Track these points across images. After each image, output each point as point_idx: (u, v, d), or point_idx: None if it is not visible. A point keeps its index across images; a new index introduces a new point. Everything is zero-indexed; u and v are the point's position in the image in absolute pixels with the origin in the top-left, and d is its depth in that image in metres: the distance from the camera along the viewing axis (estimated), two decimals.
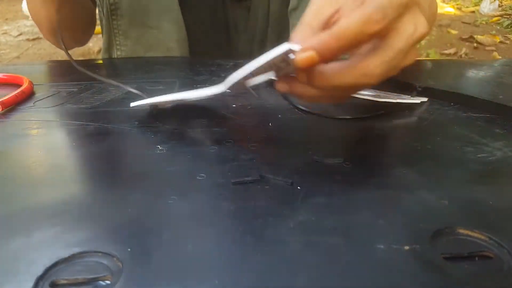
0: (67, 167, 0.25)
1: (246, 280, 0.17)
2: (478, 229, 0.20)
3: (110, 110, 0.35)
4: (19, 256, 0.18)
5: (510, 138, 0.30)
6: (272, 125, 0.32)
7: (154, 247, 0.18)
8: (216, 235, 0.19)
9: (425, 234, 0.19)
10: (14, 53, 2.46)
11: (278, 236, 0.19)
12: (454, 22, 3.04)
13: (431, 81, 0.44)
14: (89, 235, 0.19)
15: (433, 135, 0.30)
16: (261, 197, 0.22)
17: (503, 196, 0.23)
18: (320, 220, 0.20)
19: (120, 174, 0.25)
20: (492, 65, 0.53)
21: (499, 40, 2.65)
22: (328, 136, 0.30)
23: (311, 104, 0.34)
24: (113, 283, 0.16)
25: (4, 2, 3.55)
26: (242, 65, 0.25)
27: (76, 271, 0.17)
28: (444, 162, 0.27)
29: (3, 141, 0.29)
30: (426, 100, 0.37)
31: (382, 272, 0.17)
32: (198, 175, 0.24)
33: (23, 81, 0.40)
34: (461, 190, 0.23)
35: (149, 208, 0.21)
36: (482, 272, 0.17)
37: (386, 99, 0.36)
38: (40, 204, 0.22)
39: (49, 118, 0.33)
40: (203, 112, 0.35)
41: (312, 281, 0.17)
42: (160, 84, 0.42)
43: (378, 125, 0.32)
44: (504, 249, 0.18)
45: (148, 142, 0.29)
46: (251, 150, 0.28)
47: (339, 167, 0.26)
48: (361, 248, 0.18)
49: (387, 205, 0.22)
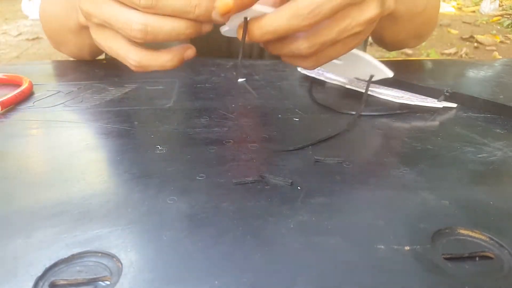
0: (67, 167, 0.25)
1: (246, 280, 0.16)
2: (479, 230, 0.20)
3: (110, 110, 0.35)
4: (18, 256, 0.18)
5: (510, 138, 0.30)
6: (272, 125, 0.32)
7: (154, 247, 0.18)
8: (216, 235, 0.19)
9: (425, 235, 0.19)
10: (14, 53, 2.46)
11: (278, 236, 0.19)
12: (454, 22, 3.04)
13: (432, 81, 0.44)
14: (89, 235, 0.19)
15: (434, 135, 0.30)
16: (261, 197, 0.22)
17: (503, 196, 0.23)
18: (320, 220, 0.20)
19: (120, 174, 0.25)
20: (493, 64, 0.53)
21: (499, 40, 2.65)
22: (328, 136, 0.30)
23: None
24: (113, 283, 0.16)
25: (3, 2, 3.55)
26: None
27: (76, 271, 0.17)
28: (445, 162, 0.27)
29: (2, 141, 0.29)
30: (455, 106, 0.36)
31: (382, 272, 0.17)
32: (198, 175, 0.24)
33: (22, 81, 0.40)
34: (461, 190, 0.23)
35: (148, 208, 0.21)
36: (482, 272, 0.17)
37: (407, 101, 0.36)
38: (40, 204, 0.22)
39: (48, 118, 0.33)
40: (203, 112, 0.35)
41: (312, 281, 0.16)
42: (160, 84, 0.42)
43: (379, 125, 0.32)
44: (504, 249, 0.18)
45: (148, 142, 0.29)
46: (251, 150, 0.28)
47: (339, 167, 0.25)
48: (362, 248, 0.18)
49: (387, 205, 0.22)
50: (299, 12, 0.25)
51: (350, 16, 0.27)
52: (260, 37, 0.27)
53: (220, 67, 0.48)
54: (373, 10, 0.27)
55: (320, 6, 0.25)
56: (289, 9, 0.25)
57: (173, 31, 0.28)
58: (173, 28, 0.28)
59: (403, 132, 0.31)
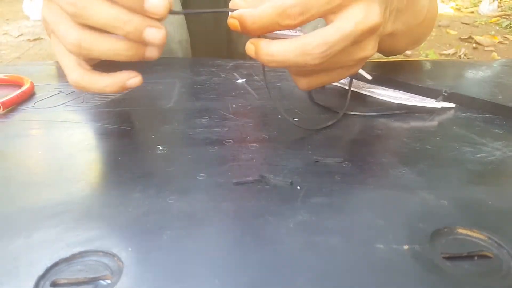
0: (68, 167, 0.26)
1: (246, 279, 0.17)
2: (477, 229, 0.20)
3: (111, 110, 0.35)
4: (20, 256, 0.18)
5: (509, 138, 0.30)
6: (272, 125, 0.32)
7: (155, 247, 0.18)
8: (216, 235, 0.19)
9: (424, 234, 0.19)
10: (15, 54, 2.46)
11: (278, 236, 0.19)
12: (453, 22, 3.04)
13: (430, 81, 0.44)
14: (90, 235, 0.19)
15: (433, 135, 0.31)
16: (261, 197, 0.22)
17: (502, 196, 0.23)
18: (320, 220, 0.20)
19: (120, 174, 0.25)
20: (491, 65, 0.53)
21: (498, 41, 2.66)
22: (328, 136, 0.30)
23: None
24: (114, 282, 0.16)
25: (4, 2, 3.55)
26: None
27: (77, 270, 0.17)
28: (444, 162, 0.27)
29: (4, 141, 0.29)
30: (453, 106, 0.36)
31: (381, 271, 0.17)
32: (198, 175, 0.24)
33: (24, 81, 0.40)
34: (460, 190, 0.23)
35: (149, 208, 0.21)
36: (481, 271, 0.17)
37: (405, 102, 0.36)
38: (40, 204, 0.22)
39: (50, 118, 0.33)
40: (204, 112, 0.35)
41: (312, 281, 0.17)
42: (160, 84, 0.42)
43: (378, 125, 0.33)
44: (503, 249, 0.19)
45: (148, 142, 0.29)
46: (251, 150, 0.28)
47: (339, 167, 0.26)
48: (361, 248, 0.18)
49: (386, 205, 0.22)
50: (311, 51, 0.25)
51: (348, 52, 0.27)
52: (267, 63, 0.26)
53: (220, 67, 0.48)
54: (370, 50, 0.28)
55: (331, 47, 0.25)
56: (301, 46, 0.25)
57: (110, 50, 0.27)
58: (109, 47, 0.27)
59: (402, 132, 0.31)
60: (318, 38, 0.25)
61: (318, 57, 0.25)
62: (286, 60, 0.25)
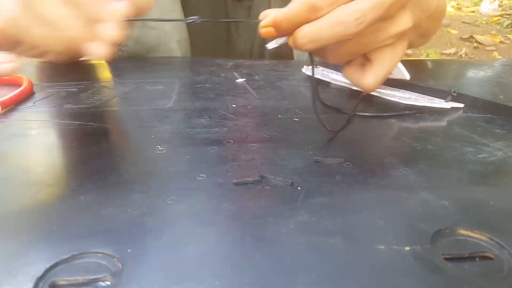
0: (67, 167, 0.25)
1: (246, 280, 0.16)
2: (479, 230, 0.20)
3: (110, 110, 0.35)
4: (18, 256, 0.18)
5: (510, 138, 0.30)
6: (272, 125, 0.32)
7: (154, 248, 0.18)
8: (216, 236, 0.19)
9: (425, 235, 0.19)
10: None
11: (278, 236, 0.19)
12: (454, 22, 3.04)
13: (432, 81, 0.44)
14: (89, 235, 0.19)
15: (434, 135, 0.30)
16: (261, 197, 0.22)
17: (503, 196, 0.23)
18: (320, 220, 0.20)
19: (120, 174, 0.25)
20: (492, 65, 0.53)
21: (499, 40, 2.66)
22: (328, 136, 0.30)
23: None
24: (113, 283, 0.16)
25: None
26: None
27: (76, 271, 0.17)
28: (445, 162, 0.27)
29: (2, 141, 0.29)
30: (462, 107, 0.36)
31: (382, 272, 0.17)
32: (198, 175, 0.24)
33: (22, 81, 0.40)
34: (461, 190, 0.23)
35: (149, 208, 0.21)
36: (482, 272, 0.17)
37: (414, 102, 0.36)
38: (40, 204, 0.22)
39: (48, 118, 0.33)
40: (203, 112, 0.35)
41: (312, 282, 0.16)
42: (160, 84, 0.42)
43: (379, 125, 0.32)
44: (504, 249, 0.18)
45: (148, 142, 0.29)
46: (251, 150, 0.28)
47: (339, 167, 0.25)
48: (362, 248, 0.18)
49: (387, 205, 0.22)
50: (344, 19, 0.25)
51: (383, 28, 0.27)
52: (302, 45, 0.26)
53: (220, 67, 0.48)
54: (406, 23, 0.27)
55: (364, 15, 0.25)
56: (334, 17, 0.25)
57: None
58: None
59: (403, 132, 0.31)
60: (350, 7, 0.25)
61: (352, 25, 0.25)
62: (321, 35, 0.25)
